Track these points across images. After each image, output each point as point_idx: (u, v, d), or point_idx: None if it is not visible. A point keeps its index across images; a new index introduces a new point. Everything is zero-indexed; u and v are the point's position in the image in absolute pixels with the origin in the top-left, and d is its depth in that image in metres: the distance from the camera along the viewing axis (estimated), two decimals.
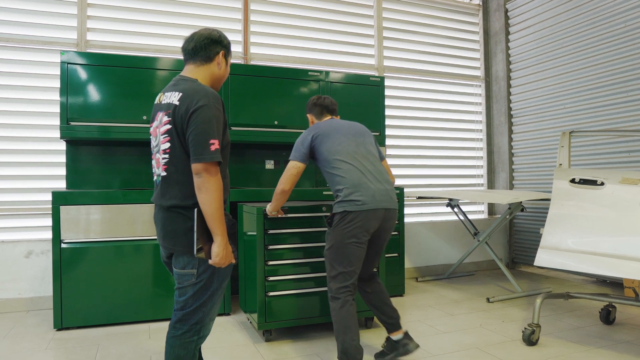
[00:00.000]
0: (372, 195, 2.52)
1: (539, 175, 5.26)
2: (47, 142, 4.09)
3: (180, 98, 1.80)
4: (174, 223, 1.85)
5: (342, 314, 2.45)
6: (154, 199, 1.95)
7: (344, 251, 2.50)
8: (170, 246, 1.87)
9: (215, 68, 1.95)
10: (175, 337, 1.88)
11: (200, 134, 1.74)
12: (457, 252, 5.41)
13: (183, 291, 1.86)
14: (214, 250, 1.77)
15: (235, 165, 4.39)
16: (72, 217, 3.34)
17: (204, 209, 1.74)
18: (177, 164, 1.82)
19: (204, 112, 1.75)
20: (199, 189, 1.74)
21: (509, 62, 5.64)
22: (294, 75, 4.21)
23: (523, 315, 3.67)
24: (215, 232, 1.76)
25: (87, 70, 3.61)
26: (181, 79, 1.92)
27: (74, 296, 3.33)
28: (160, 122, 1.87)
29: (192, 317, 1.87)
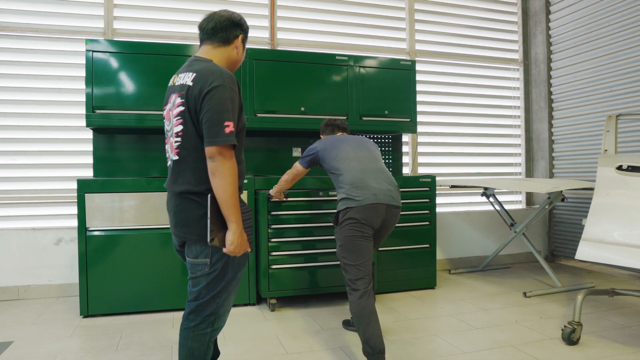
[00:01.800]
0: (374, 194, 2.58)
1: (583, 163, 4.96)
2: (76, 131, 4.11)
3: (194, 78, 1.71)
4: (187, 210, 1.76)
5: (362, 304, 2.45)
6: (167, 185, 1.87)
7: (352, 246, 2.54)
8: (183, 234, 1.79)
9: (233, 51, 1.89)
10: (189, 329, 1.81)
11: (215, 115, 1.65)
12: (492, 244, 5.19)
13: (196, 281, 1.79)
14: (229, 238, 1.68)
15: (261, 153, 4.31)
16: (97, 205, 3.34)
17: (218, 194, 1.66)
18: (190, 148, 1.74)
19: (219, 92, 1.67)
20: (213, 174, 1.66)
21: (549, 44, 5.32)
22: (321, 60, 4.07)
23: (563, 312, 3.45)
24: (229, 219, 1.68)
25: (112, 58, 3.59)
26: (195, 59, 1.83)
27: (99, 284, 3.33)
28: (173, 105, 1.79)
29: (206, 308, 1.80)
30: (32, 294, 3.86)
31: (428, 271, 4.10)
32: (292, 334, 3.02)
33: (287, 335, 2.99)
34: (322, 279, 3.66)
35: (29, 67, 4.04)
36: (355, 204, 2.54)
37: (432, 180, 4.07)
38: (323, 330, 3.08)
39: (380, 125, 4.20)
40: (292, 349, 2.78)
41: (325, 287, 3.66)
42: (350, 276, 2.53)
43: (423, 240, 4.06)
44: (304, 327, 3.15)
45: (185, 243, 1.84)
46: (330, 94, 4.07)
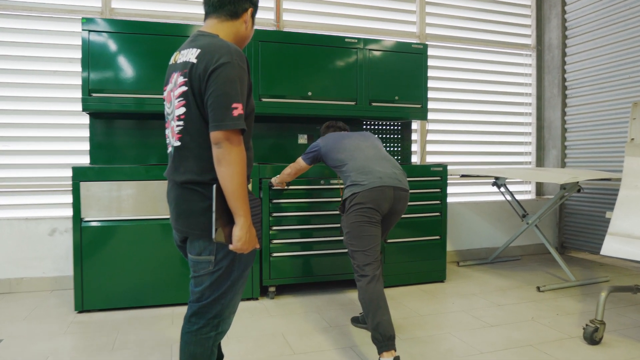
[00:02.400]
0: (379, 177, 2.53)
1: (597, 152, 4.78)
2: (72, 116, 3.91)
3: (198, 55, 1.52)
4: (189, 202, 1.58)
5: (370, 289, 2.41)
6: (167, 174, 1.68)
7: (359, 232, 2.48)
8: (185, 228, 1.61)
9: (242, 26, 1.69)
10: (191, 333, 1.64)
11: (221, 96, 1.47)
12: (502, 235, 5.03)
13: (199, 280, 1.61)
14: (236, 234, 1.50)
15: (265, 140, 4.12)
16: (93, 194, 3.16)
17: (225, 184, 1.48)
18: (194, 133, 1.55)
19: (226, 70, 1.48)
20: (219, 162, 1.48)
21: (564, 28, 5.12)
22: (329, 42, 3.87)
23: (579, 308, 3.30)
24: (237, 213, 1.50)
25: (109, 38, 3.38)
26: (200, 34, 1.64)
27: (95, 278, 3.17)
28: (175, 85, 1.60)
29: (209, 310, 1.63)
30: (25, 287, 3.70)
31: (438, 264, 3.94)
32: (298, 331, 2.87)
33: (293, 333, 2.84)
34: (324, 267, 3.62)
35: (22, 48, 3.83)
36: (361, 188, 2.49)
37: (444, 169, 3.90)
38: (331, 328, 2.93)
39: (390, 111, 4.02)
40: (299, 348, 2.63)
41: (328, 275, 3.63)
42: (358, 262, 2.48)
43: (433, 232, 3.90)
44: (311, 323, 3.00)
45: (187, 238, 1.66)
46: (338, 78, 3.88)
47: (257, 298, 3.50)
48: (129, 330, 2.87)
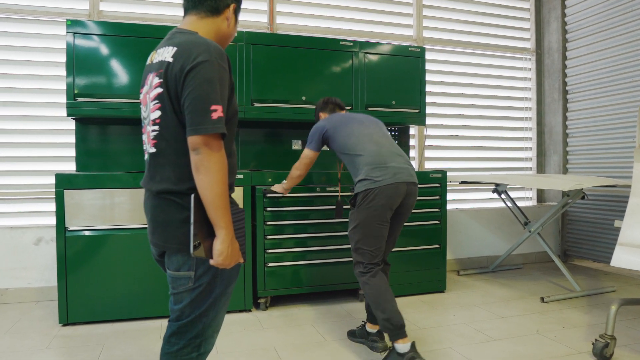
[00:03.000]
0: (394, 173, 2.50)
1: (600, 158, 4.67)
2: (59, 122, 3.79)
3: (174, 53, 1.40)
4: (166, 213, 1.45)
5: (376, 283, 2.44)
6: (143, 183, 1.55)
7: (368, 230, 2.47)
8: (161, 242, 1.48)
9: (224, 23, 1.57)
10: (170, 354, 1.50)
11: (199, 97, 1.34)
12: (503, 243, 4.90)
13: (178, 298, 1.48)
14: (217, 248, 1.37)
15: (258, 146, 4.00)
16: (78, 202, 3.03)
17: (204, 194, 1.35)
18: (170, 138, 1.43)
19: (205, 69, 1.35)
20: (197, 169, 1.35)
21: (564, 32, 5.02)
22: (324, 45, 3.76)
23: (586, 320, 3.17)
24: (217, 225, 1.37)
25: (95, 41, 3.26)
26: (178, 31, 1.51)
27: (80, 289, 3.03)
28: (150, 86, 1.47)
29: (190, 330, 1.49)
30: (10, 298, 3.56)
31: (438, 274, 3.81)
32: (292, 346, 2.73)
33: (286, 348, 2.69)
34: (321, 277, 3.50)
35: (6, 52, 3.71)
36: (376, 185, 2.45)
37: (443, 175, 3.77)
38: (326, 342, 2.79)
39: (387, 116, 3.90)
40: None
41: (325, 285, 3.52)
42: (363, 259, 2.49)
43: (432, 241, 3.77)
44: (306, 337, 2.86)
45: (164, 253, 1.53)
46: (333, 82, 3.76)
47: (250, 309, 3.36)
48: (115, 345, 2.73)
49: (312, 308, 3.44)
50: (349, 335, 2.89)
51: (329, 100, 2.98)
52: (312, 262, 3.45)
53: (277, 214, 3.36)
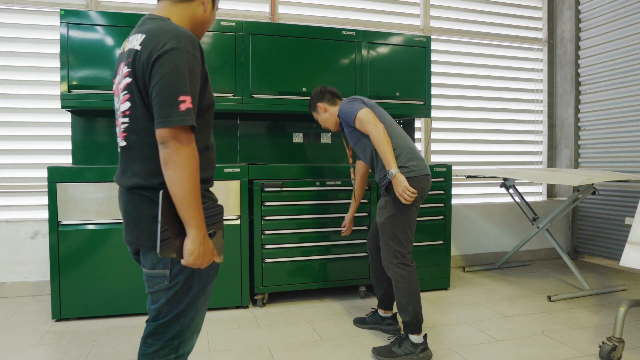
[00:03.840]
0: (425, 165, 2.55)
1: (613, 152, 4.50)
2: (54, 114, 3.73)
3: (142, 41, 1.31)
4: (137, 209, 1.38)
5: (415, 281, 2.49)
6: (116, 178, 1.47)
7: (407, 218, 2.48)
8: (133, 239, 1.40)
9: (199, 8, 1.47)
10: (147, 356, 1.42)
11: (166, 87, 1.25)
12: (510, 239, 4.77)
13: (155, 297, 1.41)
14: (187, 247, 1.29)
15: (258, 139, 3.90)
16: (71, 196, 2.97)
17: (173, 190, 1.27)
18: (140, 131, 1.35)
19: (172, 57, 1.26)
20: (166, 164, 1.26)
21: (578, 21, 4.84)
22: (326, 35, 3.64)
23: (594, 321, 3.05)
24: (188, 223, 1.28)
25: (91, 31, 3.19)
26: (149, 17, 1.42)
27: (73, 284, 2.98)
28: (121, 76, 1.38)
29: (167, 330, 1.41)
30: (7, 292, 3.53)
31: (441, 270, 3.70)
32: (287, 345, 2.65)
33: (281, 347, 2.61)
34: (320, 273, 3.42)
35: (1, 43, 3.66)
36: (414, 174, 2.46)
37: (448, 169, 3.65)
38: (322, 341, 2.70)
39: (392, 108, 3.72)
40: None
41: (325, 282, 3.43)
42: (403, 250, 2.49)
43: (436, 237, 3.66)
44: (301, 336, 2.78)
45: (139, 250, 1.46)
46: (335, 73, 3.65)
47: (246, 306, 3.29)
48: (105, 342, 2.67)
49: (311, 305, 3.36)
50: (358, 324, 2.94)
51: (325, 89, 2.84)
52: (312, 259, 3.36)
53: (275, 209, 3.27)
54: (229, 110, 3.44)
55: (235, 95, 3.44)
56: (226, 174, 3.16)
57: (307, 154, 4.00)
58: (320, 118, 2.87)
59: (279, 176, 3.30)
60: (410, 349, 2.45)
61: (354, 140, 2.69)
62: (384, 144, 2.40)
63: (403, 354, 2.44)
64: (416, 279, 2.50)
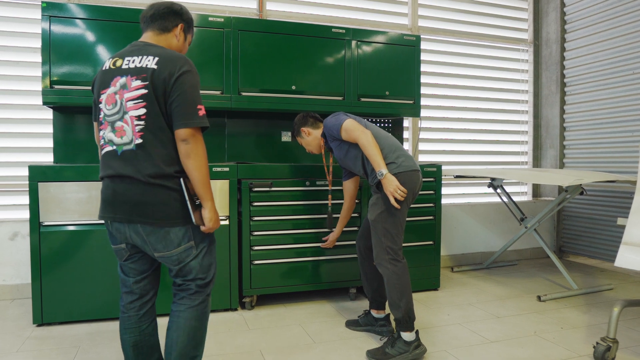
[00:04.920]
0: (413, 161, 2.57)
1: (598, 152, 4.55)
2: (36, 110, 3.60)
3: (157, 62, 1.69)
4: (158, 196, 1.70)
5: (406, 277, 2.49)
6: (119, 171, 1.70)
7: (398, 214, 2.48)
8: (156, 221, 1.69)
9: (173, 39, 1.89)
10: (192, 309, 1.81)
11: (189, 99, 1.68)
12: (498, 239, 4.79)
13: (187, 269, 1.79)
14: (206, 216, 1.74)
15: (246, 137, 3.83)
16: (53, 195, 2.85)
17: (194, 175, 1.69)
18: (155, 131, 1.69)
19: (190, 77, 1.70)
20: (188, 156, 1.68)
21: (563, 22, 4.88)
22: (315, 32, 3.59)
23: (585, 320, 3.06)
24: (205, 198, 1.73)
25: (73, 24, 3.08)
26: (146, 44, 1.80)
27: (56, 288, 2.87)
28: (125, 88, 1.70)
29: (207, 288, 1.86)
30: None
31: (431, 271, 3.69)
32: (279, 349, 2.59)
33: (273, 351, 2.55)
34: (310, 275, 3.36)
35: None
36: (403, 169, 2.49)
37: (438, 169, 3.64)
38: (315, 344, 2.65)
39: (381, 107, 3.75)
40: None
41: (314, 284, 3.38)
42: (394, 245, 2.49)
43: (426, 237, 3.64)
44: (294, 339, 2.72)
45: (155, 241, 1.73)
46: (325, 71, 3.60)
47: (235, 308, 3.21)
48: (90, 348, 2.58)
49: (301, 307, 3.30)
50: (350, 326, 2.90)
51: (307, 114, 2.92)
52: (301, 260, 3.30)
53: (264, 209, 3.21)
54: (217, 108, 3.36)
55: (223, 93, 3.36)
56: (215, 174, 3.08)
57: (296, 153, 3.94)
58: (304, 142, 2.94)
59: (268, 175, 3.24)
60: (403, 347, 2.44)
61: (342, 153, 2.72)
62: (372, 147, 2.48)
63: (397, 353, 2.42)
64: (407, 275, 2.50)
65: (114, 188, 1.72)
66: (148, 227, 1.70)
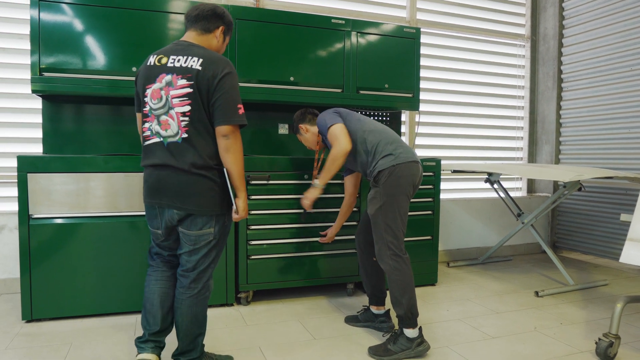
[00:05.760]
0: (412, 153, 2.53)
1: (594, 149, 4.55)
2: (24, 99, 3.48)
3: (202, 63, 1.84)
4: (198, 184, 1.87)
5: (409, 273, 2.43)
6: (163, 161, 1.89)
7: (399, 207, 2.43)
8: (193, 207, 1.88)
9: (214, 40, 2.03)
10: (193, 297, 1.98)
11: (230, 99, 1.84)
12: (493, 234, 4.78)
13: (195, 251, 1.95)
14: (240, 205, 1.94)
15: (243, 130, 3.69)
16: (43, 187, 2.75)
17: (232, 168, 1.87)
18: (199, 127, 1.86)
19: (231, 79, 1.86)
20: (227, 150, 1.85)
21: (562, 17, 4.86)
22: (314, 23, 3.51)
23: (583, 316, 3.05)
24: (240, 189, 1.93)
25: (64, 10, 2.96)
26: (190, 44, 1.95)
27: (46, 282, 2.77)
28: (171, 85, 1.86)
29: (205, 275, 2.01)
30: None
31: (429, 266, 3.65)
32: (279, 345, 2.53)
33: (273, 347, 2.50)
34: (307, 270, 3.30)
35: None
36: (402, 160, 2.44)
37: (437, 164, 3.60)
38: (315, 341, 2.60)
39: (380, 100, 3.69)
40: None
41: (312, 279, 3.32)
42: (395, 240, 2.43)
43: (424, 232, 3.60)
44: (293, 335, 2.67)
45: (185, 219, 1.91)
46: (323, 62, 3.53)
47: (232, 304, 3.15)
48: (83, 344, 2.49)
49: (298, 303, 3.25)
50: (350, 322, 2.85)
51: (306, 110, 2.91)
52: (298, 255, 3.25)
53: (261, 203, 3.14)
54: None
55: None
56: None
57: (293, 146, 3.87)
58: (302, 139, 2.94)
59: (265, 168, 3.17)
60: (406, 344, 2.39)
61: None
62: (335, 164, 2.55)
63: (400, 350, 2.38)
64: (410, 271, 2.44)
65: (158, 175, 1.91)
66: (181, 213, 1.90)
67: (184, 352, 2.03)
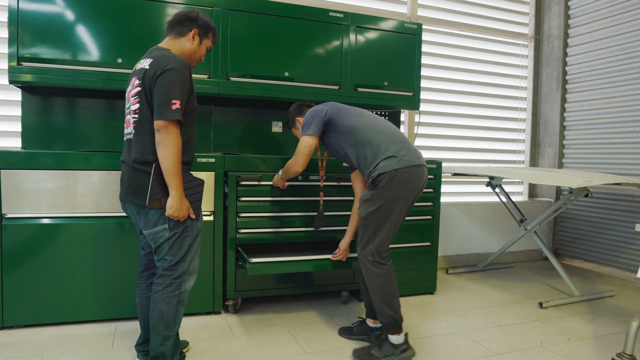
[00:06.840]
0: (417, 155, 2.38)
1: (599, 153, 4.39)
2: (1, 90, 3.28)
3: (150, 63, 1.91)
4: (140, 179, 1.92)
5: (390, 280, 2.34)
6: (123, 158, 2.03)
7: (392, 214, 2.31)
8: (139, 202, 1.92)
9: (187, 43, 2.06)
10: (158, 293, 1.97)
11: (164, 93, 1.84)
12: (494, 240, 4.61)
13: (160, 249, 1.96)
14: (168, 203, 1.86)
15: (233, 127, 3.56)
16: (17, 185, 2.56)
17: (162, 163, 1.84)
18: (145, 123, 1.91)
19: (170, 74, 1.86)
20: (159, 145, 1.84)
21: (567, 17, 4.70)
22: (311, 16, 3.34)
23: (591, 331, 2.89)
24: (170, 186, 1.86)
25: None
26: (155, 48, 2.03)
27: (19, 287, 2.58)
28: (132, 86, 1.97)
29: (171, 273, 1.98)
30: None
31: (428, 273, 3.49)
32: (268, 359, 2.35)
33: None
34: (298, 278, 3.16)
35: None
36: (405, 163, 2.29)
37: (438, 166, 3.43)
38: (307, 355, 2.42)
39: (379, 98, 3.52)
40: None
41: (302, 287, 3.19)
42: (380, 247, 2.32)
43: (424, 238, 3.43)
44: (283, 347, 2.49)
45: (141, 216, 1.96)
46: (320, 58, 3.36)
47: (219, 312, 2.97)
48: (57, 355, 2.31)
49: (289, 312, 3.07)
50: (344, 334, 2.70)
51: (303, 103, 2.77)
52: (293, 260, 3.04)
53: (252, 205, 2.95)
54: (204, 93, 3.09)
55: (210, 77, 3.10)
56: (199, 165, 2.82)
57: (287, 144, 3.69)
58: (298, 133, 2.76)
59: (257, 168, 2.99)
60: (390, 350, 2.32)
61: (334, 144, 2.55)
62: (288, 173, 2.60)
63: (383, 356, 2.31)
64: (392, 278, 2.35)
65: (121, 171, 2.05)
66: (135, 207, 1.97)
67: (153, 357, 1.98)
